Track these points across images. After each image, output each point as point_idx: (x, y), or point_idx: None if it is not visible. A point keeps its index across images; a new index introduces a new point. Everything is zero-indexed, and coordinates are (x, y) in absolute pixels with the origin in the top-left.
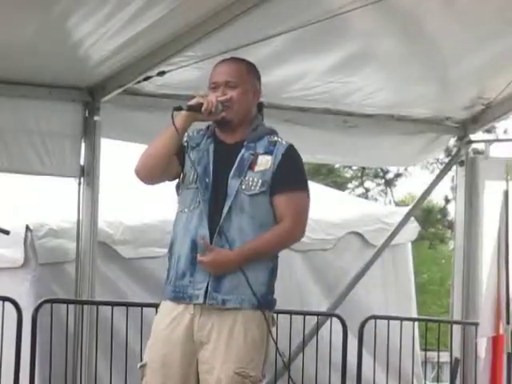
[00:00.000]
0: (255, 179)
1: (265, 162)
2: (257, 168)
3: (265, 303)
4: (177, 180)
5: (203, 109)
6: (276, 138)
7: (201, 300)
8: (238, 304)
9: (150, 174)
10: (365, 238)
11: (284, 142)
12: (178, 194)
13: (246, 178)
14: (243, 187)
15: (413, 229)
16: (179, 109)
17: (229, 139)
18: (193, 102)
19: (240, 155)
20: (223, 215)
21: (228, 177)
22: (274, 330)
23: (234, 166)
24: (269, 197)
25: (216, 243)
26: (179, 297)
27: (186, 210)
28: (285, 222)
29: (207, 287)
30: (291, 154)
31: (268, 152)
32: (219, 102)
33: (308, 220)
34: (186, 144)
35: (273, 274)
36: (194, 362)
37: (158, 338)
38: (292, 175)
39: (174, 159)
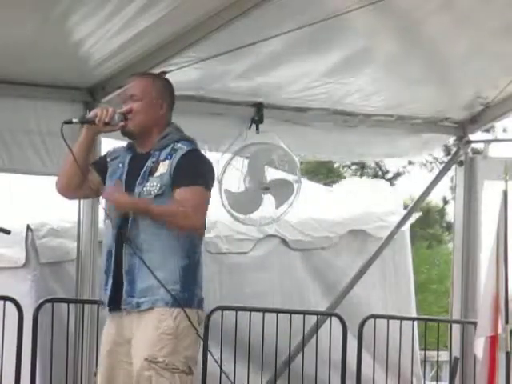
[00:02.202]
0: (154, 183)
1: (163, 167)
2: (156, 173)
3: (181, 301)
4: None
5: (97, 120)
6: (180, 145)
7: (105, 307)
8: (152, 304)
9: (66, 189)
10: (364, 237)
11: (185, 148)
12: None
13: (147, 184)
14: (144, 193)
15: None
16: (69, 122)
17: (141, 149)
18: (89, 114)
19: (146, 164)
20: (129, 222)
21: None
22: (202, 328)
23: (140, 175)
24: (168, 198)
25: (126, 251)
26: (100, 302)
27: (106, 221)
28: (188, 205)
29: (112, 293)
30: (189, 155)
31: (167, 158)
32: (118, 113)
33: (309, 219)
34: (109, 159)
35: (188, 271)
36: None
37: (102, 343)
38: (187, 172)
39: (94, 175)
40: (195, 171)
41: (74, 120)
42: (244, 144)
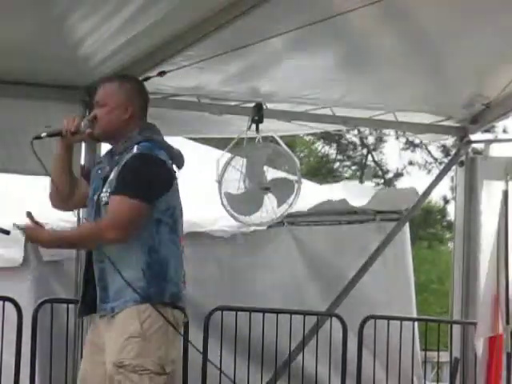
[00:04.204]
0: (106, 189)
1: (114, 172)
2: (109, 179)
3: (149, 297)
4: None
5: (63, 131)
6: (134, 150)
7: (77, 314)
8: (123, 306)
9: (57, 202)
10: (365, 237)
11: (134, 152)
12: None
13: (103, 190)
14: (99, 199)
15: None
16: (38, 137)
17: (115, 154)
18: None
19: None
20: None
21: None
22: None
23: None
24: None
25: (96, 259)
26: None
27: None
28: (102, 220)
29: (84, 300)
30: (132, 160)
31: (119, 163)
32: (85, 121)
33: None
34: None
35: (153, 267)
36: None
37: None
38: (120, 180)
39: (84, 184)
40: (127, 178)
41: (43, 134)
42: (244, 144)
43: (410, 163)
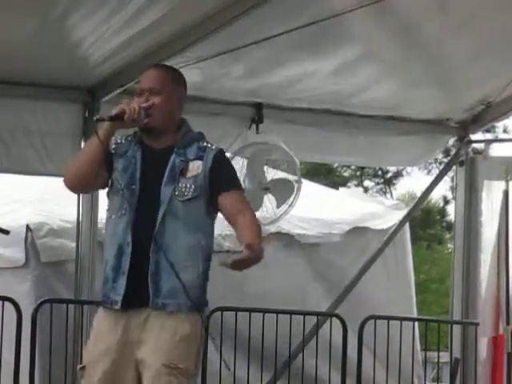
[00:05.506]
0: (188, 185)
1: (196, 168)
2: (188, 174)
3: (199, 305)
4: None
5: (126, 117)
6: (205, 144)
7: (118, 306)
8: (177, 307)
9: (79, 184)
10: (365, 237)
11: (213, 147)
12: (108, 200)
13: (179, 185)
14: (176, 193)
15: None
16: (102, 120)
17: (156, 145)
18: (115, 111)
19: (171, 162)
20: (158, 222)
21: (159, 183)
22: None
23: (166, 174)
24: (204, 200)
25: (152, 250)
26: (104, 301)
27: (113, 216)
28: (246, 212)
29: (127, 293)
30: (221, 157)
31: (198, 158)
32: (142, 109)
33: (309, 219)
34: (113, 151)
35: (205, 276)
36: (131, 363)
37: (97, 339)
38: (229, 176)
39: (102, 167)
40: (233, 175)
41: (105, 117)
42: (244, 144)
43: None
